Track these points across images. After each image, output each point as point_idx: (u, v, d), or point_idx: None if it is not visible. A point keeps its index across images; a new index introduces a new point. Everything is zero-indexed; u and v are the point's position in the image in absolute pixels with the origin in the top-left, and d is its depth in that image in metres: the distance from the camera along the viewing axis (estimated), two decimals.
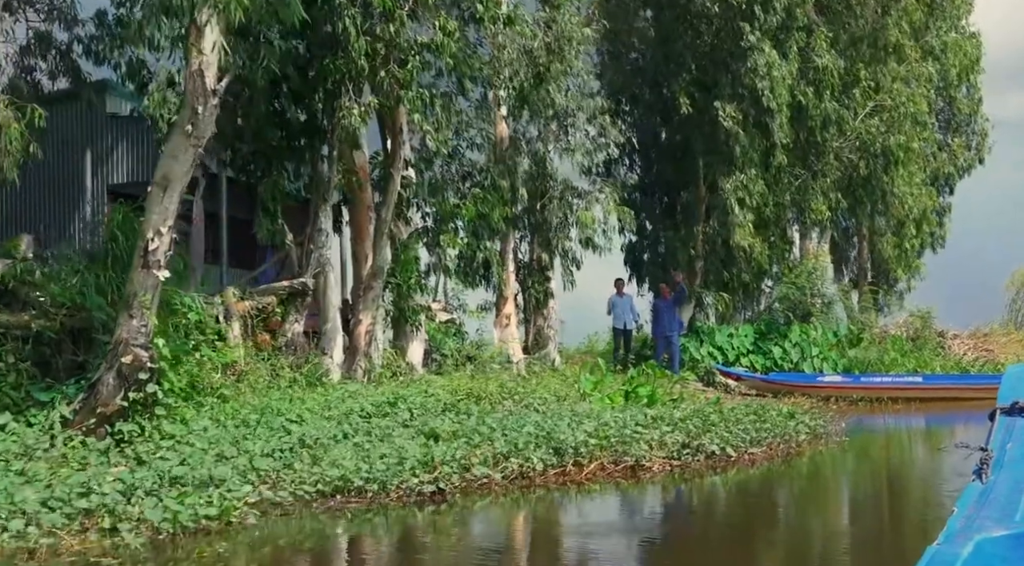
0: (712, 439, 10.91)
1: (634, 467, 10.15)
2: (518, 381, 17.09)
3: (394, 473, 8.67)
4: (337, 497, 8.39)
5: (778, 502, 9.61)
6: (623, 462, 10.11)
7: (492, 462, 9.45)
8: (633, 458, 10.14)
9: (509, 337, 20.41)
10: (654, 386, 17.14)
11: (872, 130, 26.22)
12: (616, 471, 10.02)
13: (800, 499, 9.95)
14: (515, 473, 9.44)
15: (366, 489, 8.42)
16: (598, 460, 10.08)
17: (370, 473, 8.57)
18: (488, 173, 19.19)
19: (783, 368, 23.84)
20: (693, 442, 10.79)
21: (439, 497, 8.61)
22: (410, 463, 8.91)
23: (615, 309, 23.13)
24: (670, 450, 10.57)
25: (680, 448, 10.65)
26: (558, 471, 9.74)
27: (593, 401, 15.43)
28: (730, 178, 22.71)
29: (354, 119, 13.85)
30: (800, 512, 9.27)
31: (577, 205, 20.53)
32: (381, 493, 8.43)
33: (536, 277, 21.18)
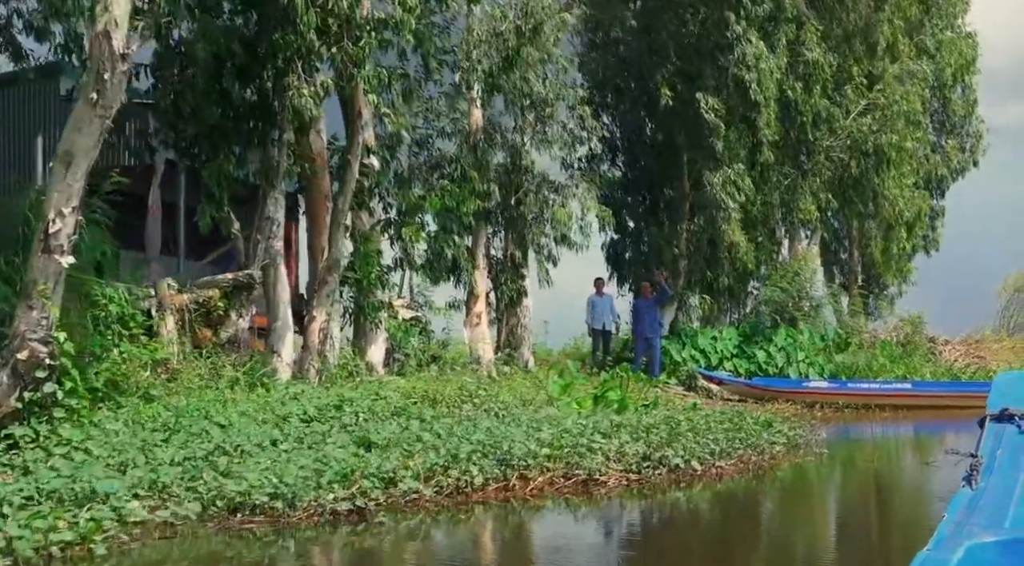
0: (677, 451, 9.79)
1: (587, 481, 9.02)
2: (484, 383, 16.00)
3: (307, 488, 7.54)
4: (238, 515, 7.25)
5: (738, 523, 8.49)
6: (574, 476, 8.98)
7: (425, 475, 8.32)
8: (586, 472, 9.02)
9: (479, 337, 19.29)
10: (626, 390, 16.07)
11: (864, 129, 25.16)
12: (566, 486, 8.90)
13: (764, 520, 8.84)
14: (451, 488, 8.31)
15: (271, 507, 7.27)
16: (548, 473, 8.97)
17: (277, 488, 7.42)
18: (458, 164, 18.08)
19: (768, 373, 22.76)
20: (655, 454, 9.67)
21: (357, 516, 7.48)
22: (328, 476, 7.78)
23: (594, 309, 22.05)
24: (628, 463, 9.45)
25: (640, 460, 9.54)
26: (500, 485, 8.61)
27: (560, 406, 14.34)
28: (717, 172, 21.59)
29: (304, 100, 12.73)
30: (761, 537, 8.14)
31: (553, 200, 19.40)
32: (287, 511, 7.29)
33: (509, 274, 20.05)
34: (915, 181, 31.94)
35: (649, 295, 21.74)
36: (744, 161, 22.67)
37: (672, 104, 21.65)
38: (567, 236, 19.42)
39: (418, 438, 9.79)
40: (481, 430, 10.34)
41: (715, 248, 23.55)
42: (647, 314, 21.53)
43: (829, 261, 33.86)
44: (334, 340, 15.24)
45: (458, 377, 15.72)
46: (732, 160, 21.84)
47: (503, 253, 20.36)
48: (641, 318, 21.56)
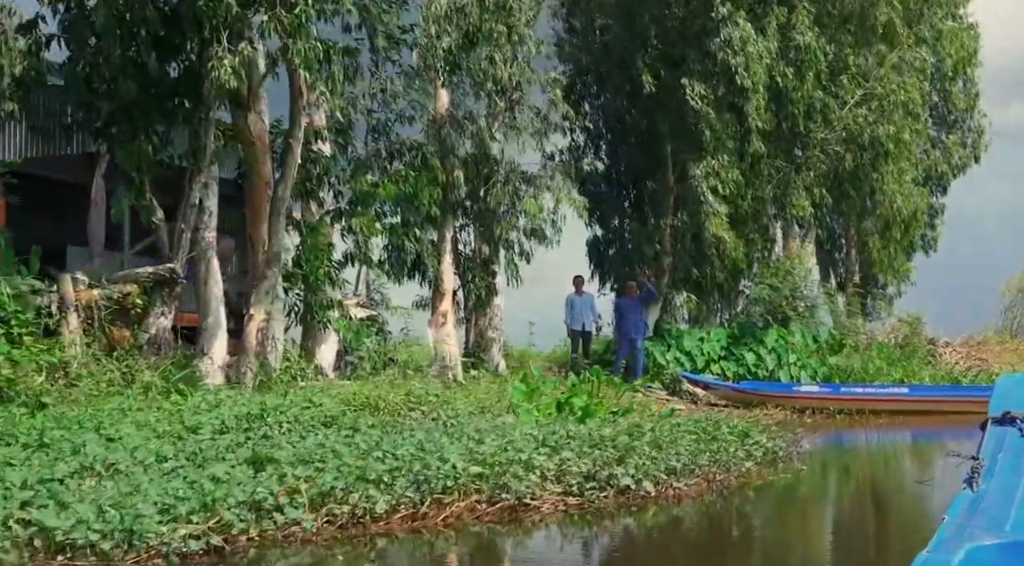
0: (628, 468, 8.29)
1: (516, 507, 7.54)
2: (442, 389, 14.58)
3: (155, 522, 6.06)
4: (59, 558, 5.78)
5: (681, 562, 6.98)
6: (501, 500, 7.50)
7: (318, 502, 6.86)
8: (514, 495, 7.52)
9: (445, 338, 17.81)
10: (595, 396, 14.59)
11: (860, 120, 23.68)
12: (491, 512, 7.42)
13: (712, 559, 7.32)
14: (345, 517, 6.84)
15: (100, 547, 5.80)
16: (471, 497, 7.49)
17: (112, 523, 5.94)
18: (419, 151, 16.61)
19: (757, 376, 21.26)
20: (602, 472, 8.17)
21: (214, 557, 6.01)
22: (187, 506, 6.30)
23: (573, 309, 20.58)
24: (569, 483, 7.96)
25: (583, 480, 8.05)
26: (409, 513, 7.13)
27: (521, 413, 12.88)
28: (700, 163, 20.11)
29: (224, 71, 11.25)
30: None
31: (524, 192, 17.91)
32: (121, 553, 5.81)
33: (477, 271, 18.56)
34: (914, 177, 30.44)
35: (634, 294, 20.26)
36: (732, 152, 21.21)
37: (655, 91, 20.23)
38: (538, 230, 17.92)
39: (335, 453, 8.35)
40: (412, 443, 8.89)
41: (701, 244, 22.07)
42: (631, 314, 20.06)
43: (825, 260, 32.39)
44: (276, 341, 13.76)
45: (412, 382, 14.26)
46: (718, 150, 20.37)
47: (474, 248, 18.87)
48: (625, 318, 20.09)
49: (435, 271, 17.84)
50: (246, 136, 13.61)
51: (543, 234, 18.03)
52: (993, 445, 4.02)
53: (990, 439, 4.07)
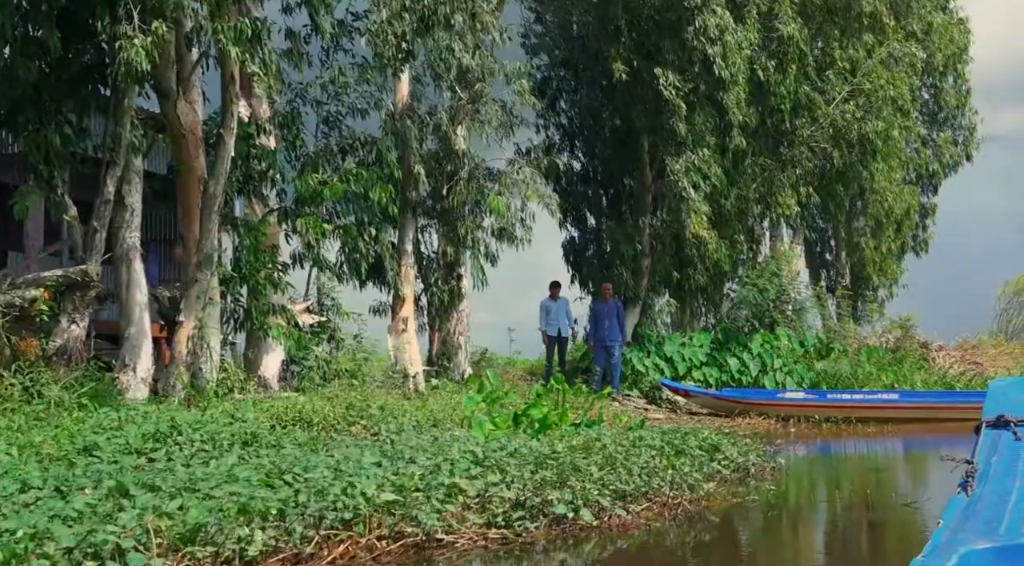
0: (565, 494, 7.04)
1: (423, 544, 6.29)
2: (395, 400, 13.39)
3: None
4: None
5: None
6: (405, 536, 6.25)
7: (176, 543, 5.61)
8: (423, 529, 6.27)
9: (405, 345, 16.59)
10: (560, 406, 13.38)
11: (847, 116, 22.50)
12: (392, 551, 6.17)
13: None
14: (209, 562, 5.59)
15: None
16: (374, 532, 6.26)
17: None
18: (373, 146, 15.40)
19: (741, 383, 20.04)
20: (533, 499, 6.93)
21: None
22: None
23: (548, 314, 19.34)
24: (493, 513, 6.72)
25: (510, 509, 6.81)
26: (291, 554, 5.88)
27: (475, 426, 11.65)
28: (679, 159, 18.89)
29: (134, 52, 10.02)
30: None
31: (489, 189, 16.71)
32: None
33: (441, 274, 17.33)
34: (904, 175, 29.42)
35: (610, 298, 19.03)
36: (712, 147, 20.01)
37: (629, 82, 19.02)
38: (506, 230, 16.70)
39: (231, 479, 7.14)
40: (326, 466, 7.67)
41: (682, 245, 20.87)
42: (607, 319, 18.83)
43: (815, 263, 31.33)
44: (210, 350, 12.53)
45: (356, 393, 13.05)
46: (697, 145, 19.15)
47: (438, 251, 17.64)
48: (600, 323, 18.86)
49: (395, 274, 16.62)
50: (175, 127, 12.39)
51: (511, 234, 16.79)
52: (987, 449, 3.97)
53: (984, 443, 4.03)
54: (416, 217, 17.02)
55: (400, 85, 16.63)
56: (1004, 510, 3.50)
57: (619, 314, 18.93)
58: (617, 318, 18.80)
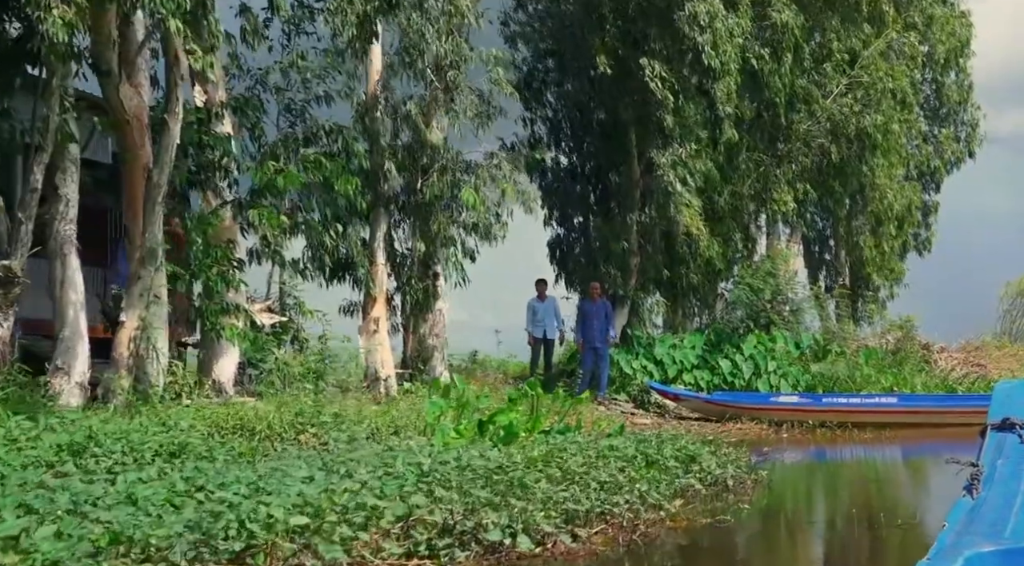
0: (503, 517, 6.07)
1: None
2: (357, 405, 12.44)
3: None
4: None
5: None
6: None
7: None
8: (323, 563, 5.30)
9: (377, 347, 15.63)
10: (535, 411, 12.44)
11: (845, 110, 21.55)
12: None
13: None
14: None
15: None
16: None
17: None
18: (339, 135, 14.46)
19: (734, 385, 19.03)
20: (464, 523, 5.95)
21: None
22: None
23: (535, 315, 18.40)
24: (416, 540, 5.75)
25: (436, 536, 5.83)
26: None
27: (438, 434, 10.70)
28: (666, 152, 17.91)
29: (52, 22, 9.07)
30: None
31: (465, 182, 15.74)
32: None
33: (414, 272, 16.35)
34: (905, 172, 28.39)
35: (598, 297, 18.05)
36: (703, 141, 19.06)
37: (615, 74, 18.06)
38: (480, 225, 15.73)
39: (128, 498, 6.23)
40: (247, 481, 6.74)
41: (672, 242, 19.92)
42: (595, 319, 17.86)
43: (813, 262, 30.30)
44: (157, 352, 11.58)
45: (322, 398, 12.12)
46: (685, 138, 18.17)
47: (408, 247, 16.68)
48: (589, 323, 17.88)
49: (366, 272, 15.66)
50: (118, 112, 11.43)
51: (486, 230, 15.83)
52: (992, 452, 3.93)
53: (989, 445, 3.99)
54: (388, 212, 16.04)
55: (371, 72, 15.68)
56: (1009, 513, 3.45)
57: (607, 314, 17.97)
58: (605, 318, 17.83)
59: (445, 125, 16.15)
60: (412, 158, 15.89)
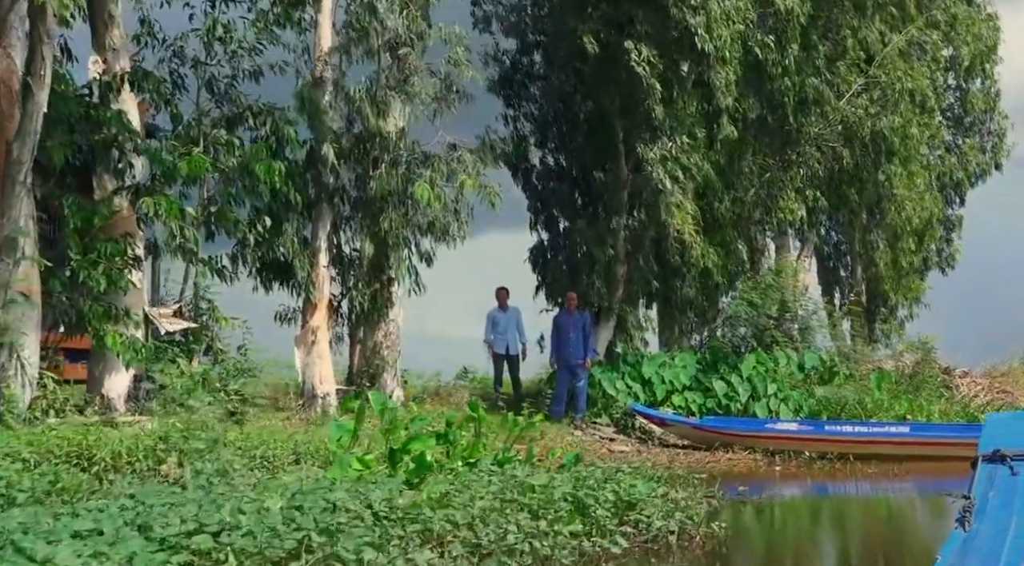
0: None
1: None
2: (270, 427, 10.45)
3: None
4: None
5: None
6: None
7: None
8: None
9: (316, 360, 13.61)
10: (478, 436, 10.41)
11: (859, 111, 19.47)
12: None
13: None
14: None
15: None
16: None
17: None
18: (268, 116, 12.48)
19: (729, 410, 16.83)
20: None
21: None
22: None
23: (495, 327, 16.34)
24: None
25: None
26: None
27: (342, 464, 8.66)
28: (654, 146, 15.80)
29: None
30: None
31: (419, 176, 13.71)
32: None
33: (362, 276, 14.29)
34: (927, 183, 26.13)
35: (575, 308, 15.97)
36: (697, 138, 16.96)
37: (600, 60, 16.02)
38: (436, 225, 13.69)
39: None
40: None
41: (664, 250, 17.79)
42: (573, 333, 15.80)
43: (827, 278, 28.05)
44: (23, 363, 9.62)
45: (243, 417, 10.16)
46: (677, 132, 16.06)
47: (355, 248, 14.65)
48: (564, 338, 15.82)
49: (306, 275, 13.65)
50: None
51: (444, 230, 13.78)
52: (984, 484, 3.90)
53: (981, 477, 3.95)
54: (333, 208, 14.03)
55: (320, 46, 13.72)
56: (1002, 545, 3.41)
57: (586, 328, 15.89)
58: (583, 333, 15.75)
59: (404, 113, 14.16)
60: (362, 148, 13.89)
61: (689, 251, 17.26)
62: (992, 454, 4.05)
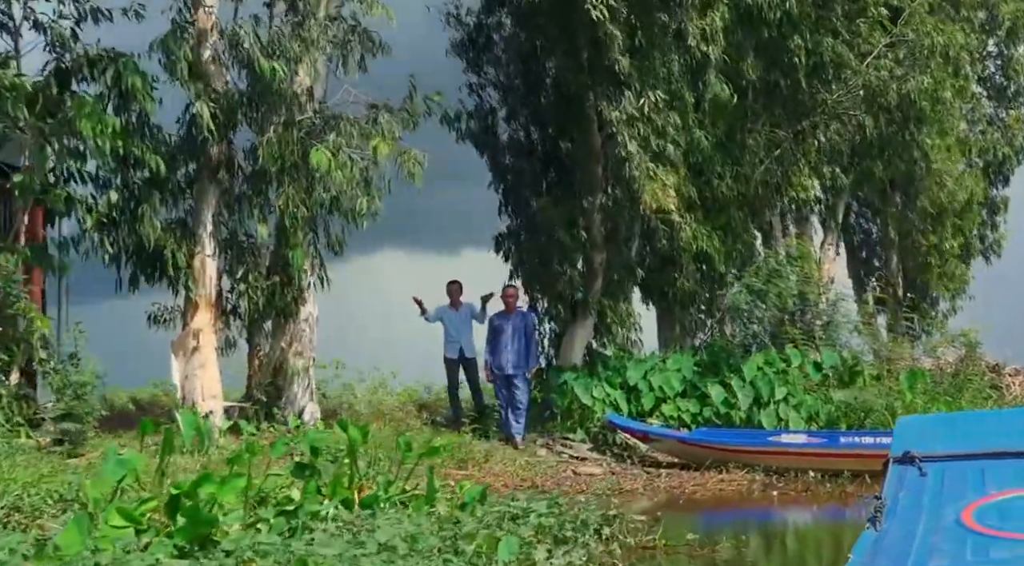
0: None
1: None
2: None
3: None
4: None
5: None
6: None
7: None
8: None
9: (197, 370, 10.79)
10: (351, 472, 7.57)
11: (883, 73, 16.45)
12: None
13: None
14: None
15: None
16: None
17: None
18: (111, 65, 9.73)
19: (730, 419, 13.80)
20: None
21: None
22: None
23: (446, 327, 13.46)
24: None
25: None
26: None
27: (77, 528, 5.77)
28: (618, 105, 12.80)
29: None
30: None
31: (320, 142, 10.85)
32: None
33: (253, 266, 11.42)
34: (966, 160, 22.93)
35: (513, 306, 13.03)
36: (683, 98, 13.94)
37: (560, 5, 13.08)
38: (339, 200, 10.82)
39: None
40: None
41: (652, 234, 14.81)
42: (512, 338, 12.88)
43: (859, 271, 24.84)
44: None
45: None
46: (649, 88, 13.03)
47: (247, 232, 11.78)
48: (498, 343, 12.92)
49: (185, 267, 10.85)
50: None
51: (352, 209, 10.89)
52: (895, 485, 3.89)
53: (891, 479, 3.94)
54: (219, 184, 11.21)
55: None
56: (911, 545, 3.48)
57: (527, 330, 12.96)
58: (524, 337, 12.82)
59: (310, 68, 11.33)
60: (256, 111, 11.09)
61: (678, 234, 14.24)
62: (902, 456, 3.96)
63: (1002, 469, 3.83)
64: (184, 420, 6.96)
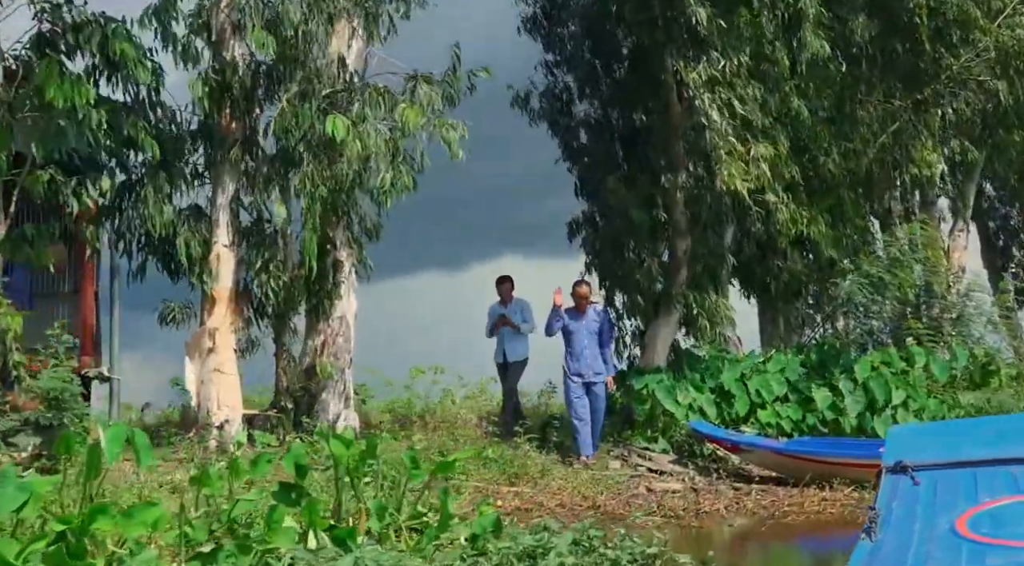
0: None
1: None
2: None
3: None
4: None
5: None
6: None
7: None
8: None
9: (212, 375, 9.54)
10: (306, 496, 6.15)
11: (1019, 31, 14.42)
12: None
13: None
14: None
15: None
16: None
17: None
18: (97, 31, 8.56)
19: (838, 426, 11.93)
20: None
21: None
22: None
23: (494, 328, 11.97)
24: None
25: None
26: None
27: None
28: (698, 66, 11.05)
29: None
30: None
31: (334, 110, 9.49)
32: None
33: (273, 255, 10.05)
34: None
35: (586, 306, 11.33)
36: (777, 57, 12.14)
37: None
38: (360, 177, 9.42)
39: None
40: None
41: (744, 215, 13.00)
42: (586, 339, 11.21)
43: (995, 261, 22.37)
44: None
45: None
46: (732, 48, 11.24)
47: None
48: (575, 345, 11.23)
49: (200, 258, 9.63)
50: None
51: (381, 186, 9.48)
52: (888, 494, 3.85)
53: (885, 489, 3.89)
54: (235, 166, 9.94)
55: None
56: (906, 555, 3.46)
57: (603, 330, 11.25)
58: (600, 337, 11.14)
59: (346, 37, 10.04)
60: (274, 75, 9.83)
61: (774, 216, 12.41)
62: (895, 465, 3.89)
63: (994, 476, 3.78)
64: (110, 434, 5.61)
